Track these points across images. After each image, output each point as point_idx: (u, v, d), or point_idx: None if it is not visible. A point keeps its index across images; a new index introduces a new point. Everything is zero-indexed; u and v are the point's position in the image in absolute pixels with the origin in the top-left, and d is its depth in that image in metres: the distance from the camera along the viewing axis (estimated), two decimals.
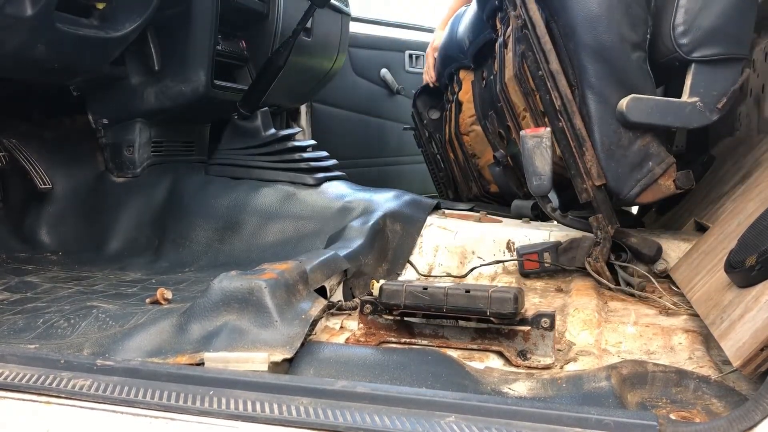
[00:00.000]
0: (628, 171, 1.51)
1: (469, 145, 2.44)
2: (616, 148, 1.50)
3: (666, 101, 1.48)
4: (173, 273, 1.82)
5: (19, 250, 2.04)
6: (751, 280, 1.04)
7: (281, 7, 2.60)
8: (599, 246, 1.54)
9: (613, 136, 1.50)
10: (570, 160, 1.54)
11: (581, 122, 1.52)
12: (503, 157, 2.19)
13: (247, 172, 2.16)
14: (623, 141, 1.50)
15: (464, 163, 2.53)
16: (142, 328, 1.09)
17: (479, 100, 2.32)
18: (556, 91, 1.54)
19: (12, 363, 0.95)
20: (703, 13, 1.47)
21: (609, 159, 1.51)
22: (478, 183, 2.49)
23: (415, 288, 1.12)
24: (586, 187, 1.53)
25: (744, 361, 0.90)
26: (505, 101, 1.94)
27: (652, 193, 1.53)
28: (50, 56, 1.82)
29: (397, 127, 3.72)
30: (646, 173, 1.51)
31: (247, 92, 2.35)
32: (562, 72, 1.53)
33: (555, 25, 1.54)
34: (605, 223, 1.53)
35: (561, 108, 1.54)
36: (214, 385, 0.89)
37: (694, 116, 1.47)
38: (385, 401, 0.84)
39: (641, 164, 1.51)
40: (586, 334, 1.20)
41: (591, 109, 1.51)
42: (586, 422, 0.77)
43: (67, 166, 2.22)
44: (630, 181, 1.51)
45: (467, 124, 2.41)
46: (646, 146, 1.51)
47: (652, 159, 1.51)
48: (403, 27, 3.91)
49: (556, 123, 1.55)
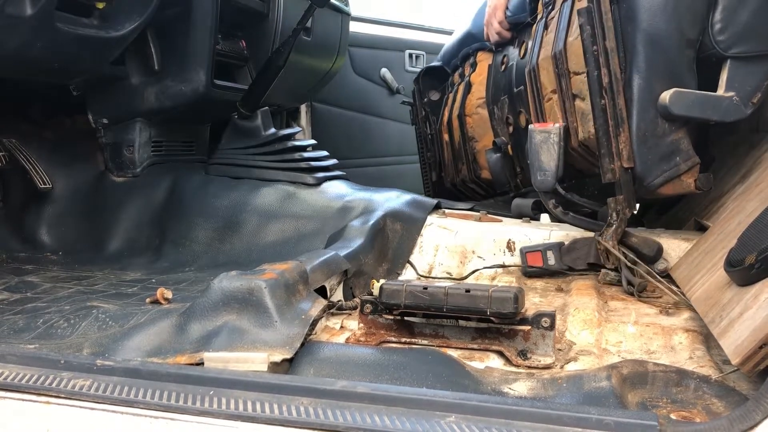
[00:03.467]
0: (657, 160, 1.54)
1: (470, 126, 2.45)
2: (650, 136, 1.54)
3: (705, 95, 1.52)
4: (173, 273, 1.82)
5: (19, 250, 2.04)
6: (751, 279, 1.04)
7: (281, 7, 2.60)
8: (612, 227, 1.56)
9: (650, 124, 1.53)
10: (603, 138, 1.57)
11: (624, 103, 1.55)
12: (504, 144, 2.20)
13: (247, 172, 2.16)
14: (658, 131, 1.54)
15: (460, 145, 2.53)
16: (141, 328, 1.09)
17: (493, 84, 2.32)
18: (606, 68, 1.56)
19: (12, 363, 0.95)
20: (740, 11, 1.50)
21: (642, 145, 1.54)
22: (471, 167, 2.49)
23: (415, 288, 1.12)
24: (614, 168, 1.56)
25: (743, 358, 0.90)
26: (532, 83, 1.96)
27: (672, 187, 1.57)
28: (50, 56, 1.82)
29: (397, 126, 3.72)
30: (673, 166, 1.54)
31: (247, 92, 2.35)
32: (616, 50, 1.56)
33: (617, 7, 1.58)
34: (624, 205, 1.57)
35: (608, 86, 1.56)
36: (214, 385, 0.89)
37: (731, 110, 1.51)
38: (385, 401, 0.84)
39: (670, 157, 1.54)
40: (587, 334, 1.20)
41: (635, 93, 1.54)
42: (587, 422, 0.77)
43: (67, 166, 2.22)
44: (656, 170, 1.55)
45: (473, 106, 2.41)
46: (678, 141, 1.55)
47: (681, 154, 1.55)
48: (403, 26, 3.91)
49: (598, 101, 1.58)
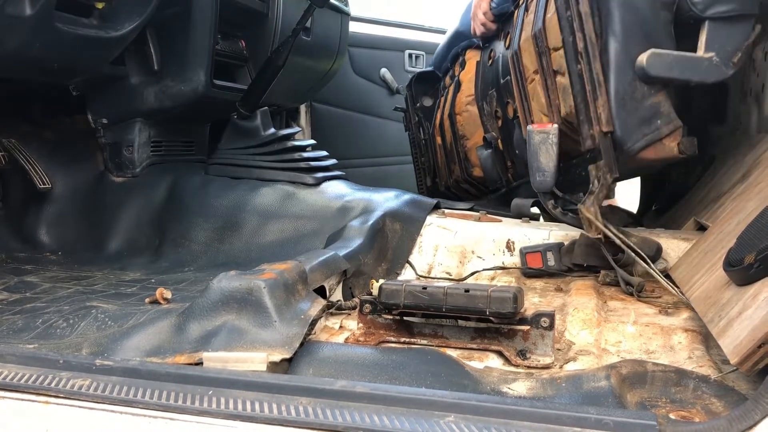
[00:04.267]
0: (637, 124, 1.52)
1: (460, 125, 2.44)
2: (629, 99, 1.52)
3: (684, 56, 1.50)
4: (173, 273, 1.81)
5: (18, 249, 2.04)
6: (750, 278, 1.04)
7: (281, 7, 2.60)
8: (594, 194, 1.53)
9: (628, 88, 1.51)
10: (581, 105, 1.56)
11: (600, 67, 1.53)
12: (494, 139, 2.19)
13: (247, 172, 2.16)
14: (637, 94, 1.52)
15: (451, 145, 2.52)
16: (141, 328, 1.09)
17: (481, 80, 2.32)
18: (581, 32, 1.55)
19: (11, 363, 0.95)
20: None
21: (620, 108, 1.52)
22: (462, 165, 2.48)
23: (414, 287, 1.12)
24: (593, 133, 1.54)
25: (741, 358, 0.90)
26: (515, 67, 1.96)
27: (654, 151, 1.54)
28: (50, 56, 1.82)
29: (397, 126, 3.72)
30: (653, 130, 1.52)
31: (247, 92, 2.35)
32: (590, 15, 1.55)
33: None
34: (605, 170, 1.53)
35: (583, 50, 1.55)
36: (213, 385, 0.89)
37: (712, 71, 1.49)
38: (384, 401, 0.84)
39: (650, 120, 1.52)
40: (586, 334, 1.20)
41: (611, 57, 1.52)
42: (586, 422, 0.77)
43: (67, 166, 2.22)
44: (637, 133, 1.52)
45: (462, 104, 2.41)
46: (658, 104, 1.52)
47: (661, 118, 1.52)
48: (403, 26, 3.91)
49: (575, 66, 1.57)
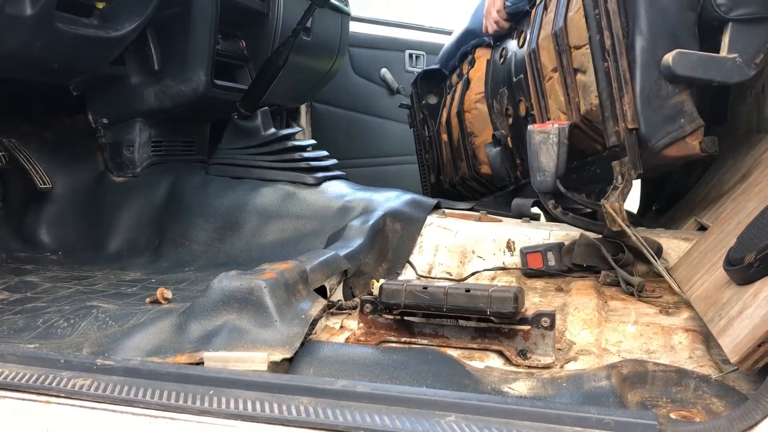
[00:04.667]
0: (661, 121, 1.56)
1: (469, 122, 2.46)
2: (654, 97, 1.56)
3: (709, 56, 1.54)
4: (173, 272, 1.81)
5: (19, 249, 2.04)
6: (750, 278, 1.04)
7: (281, 7, 2.60)
8: (618, 189, 1.56)
9: (654, 86, 1.56)
10: (608, 102, 1.59)
11: (627, 65, 1.57)
12: (503, 137, 2.21)
13: (247, 172, 2.16)
14: (662, 92, 1.56)
15: (459, 142, 2.54)
16: (141, 328, 1.09)
17: (492, 78, 2.34)
18: (608, 30, 1.58)
19: (12, 362, 0.95)
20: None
21: (646, 106, 1.56)
22: (470, 162, 2.50)
23: (415, 287, 1.12)
24: (618, 130, 1.57)
25: (741, 357, 0.90)
26: (532, 65, 1.97)
27: (677, 148, 1.58)
28: (50, 56, 1.82)
29: (397, 126, 3.72)
30: (677, 128, 1.56)
31: (247, 92, 2.35)
32: (618, 13, 1.58)
33: None
34: (629, 167, 1.57)
35: (610, 48, 1.57)
36: (213, 385, 0.89)
37: (735, 71, 1.54)
38: (385, 400, 0.84)
39: (674, 118, 1.56)
40: (587, 334, 1.20)
41: (638, 55, 1.56)
42: (586, 421, 0.77)
43: (67, 166, 2.22)
44: (661, 131, 1.56)
45: (472, 102, 2.43)
46: (682, 103, 1.57)
47: (685, 116, 1.57)
48: (403, 26, 3.90)
49: (602, 63, 1.60)
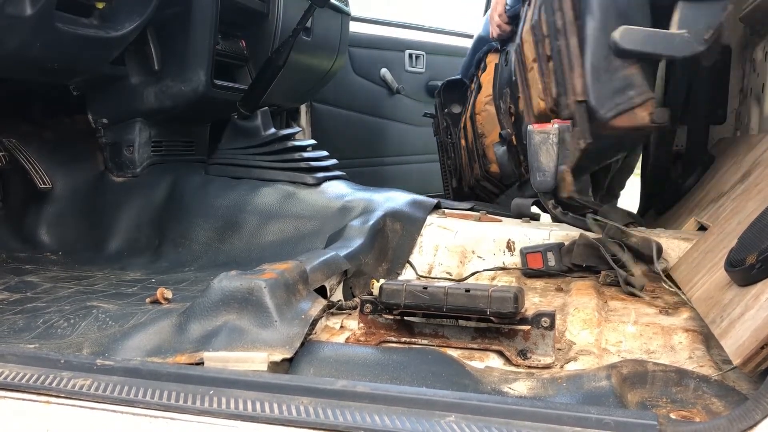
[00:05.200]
0: (610, 94, 1.66)
1: (480, 124, 2.55)
2: (603, 72, 1.67)
3: (656, 32, 1.62)
4: (173, 273, 1.81)
5: (19, 249, 2.04)
6: (751, 279, 1.04)
7: (281, 7, 2.60)
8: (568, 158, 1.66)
9: (603, 61, 1.66)
10: (561, 78, 1.72)
11: (576, 42, 1.70)
12: (508, 135, 2.26)
13: (247, 172, 2.16)
14: (611, 67, 1.66)
15: (472, 143, 2.64)
16: (141, 328, 1.09)
17: (498, 79, 2.42)
18: (560, 11, 1.72)
19: (12, 363, 0.95)
20: None
21: (595, 80, 1.67)
22: (481, 162, 2.58)
23: (415, 287, 1.12)
24: (569, 103, 1.70)
25: (744, 359, 0.90)
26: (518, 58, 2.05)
27: (626, 119, 1.67)
28: (50, 56, 1.82)
29: (397, 126, 3.72)
30: (626, 100, 1.65)
31: (247, 92, 2.35)
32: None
33: None
34: (578, 136, 1.68)
35: (561, 28, 1.72)
36: (213, 385, 0.89)
37: (683, 46, 1.60)
38: (385, 401, 0.84)
39: (623, 90, 1.65)
40: (587, 334, 1.20)
41: (588, 34, 1.68)
42: (586, 422, 0.77)
43: (67, 166, 2.22)
44: (609, 103, 1.66)
45: (482, 104, 2.52)
46: (631, 76, 1.65)
47: (634, 89, 1.65)
48: (403, 26, 3.91)
49: (556, 43, 1.73)
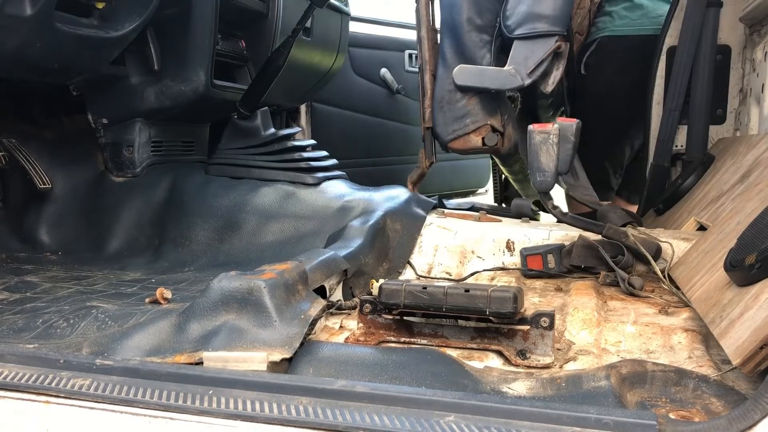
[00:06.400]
0: (450, 121, 1.99)
1: None
2: (446, 103, 1.99)
3: (485, 69, 1.94)
4: (173, 273, 1.81)
5: (18, 249, 2.04)
6: (751, 279, 1.04)
7: (281, 7, 2.60)
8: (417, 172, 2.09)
9: (446, 94, 1.99)
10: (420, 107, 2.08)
11: (430, 79, 2.06)
12: None
13: (247, 172, 2.16)
14: (452, 99, 1.98)
15: None
16: (141, 328, 1.09)
17: None
18: (421, 53, 2.09)
19: (11, 362, 0.95)
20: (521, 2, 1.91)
21: (438, 110, 2.02)
22: None
23: (414, 287, 1.12)
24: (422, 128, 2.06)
25: (744, 359, 0.90)
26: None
27: (462, 142, 2.01)
28: (50, 56, 1.82)
29: (397, 126, 3.71)
30: (462, 126, 1.98)
31: (247, 92, 2.35)
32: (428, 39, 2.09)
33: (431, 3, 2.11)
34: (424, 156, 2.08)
35: (420, 66, 2.10)
36: (213, 385, 0.89)
37: (507, 80, 1.88)
38: (384, 401, 0.84)
39: (461, 119, 1.98)
40: (586, 334, 1.20)
41: (439, 71, 2.04)
42: (586, 421, 0.77)
43: (67, 166, 2.22)
44: (449, 129, 2.00)
45: None
46: (469, 106, 1.97)
47: (470, 117, 1.97)
48: (403, 27, 3.90)
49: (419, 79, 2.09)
